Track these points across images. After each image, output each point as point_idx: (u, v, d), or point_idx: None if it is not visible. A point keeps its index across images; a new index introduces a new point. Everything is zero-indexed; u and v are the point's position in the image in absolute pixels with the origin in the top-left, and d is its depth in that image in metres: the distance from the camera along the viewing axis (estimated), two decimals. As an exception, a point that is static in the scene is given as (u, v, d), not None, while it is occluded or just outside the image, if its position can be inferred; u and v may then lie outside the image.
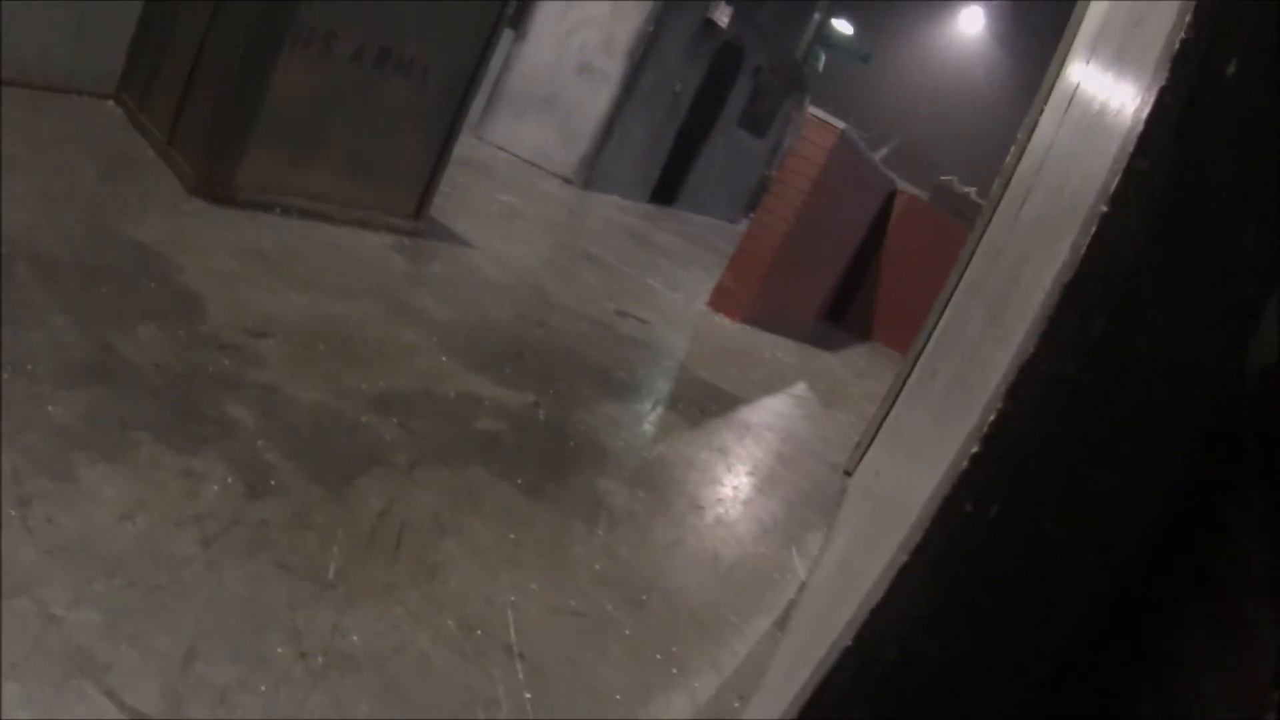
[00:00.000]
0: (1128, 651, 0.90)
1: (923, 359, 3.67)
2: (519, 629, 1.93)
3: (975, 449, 0.77)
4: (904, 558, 0.83)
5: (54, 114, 3.76)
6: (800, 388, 5.56)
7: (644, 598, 2.28)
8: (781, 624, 2.41)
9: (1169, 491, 0.87)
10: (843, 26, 20.67)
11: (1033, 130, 3.23)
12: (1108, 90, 1.60)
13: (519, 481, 2.56)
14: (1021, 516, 0.86)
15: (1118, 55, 1.65)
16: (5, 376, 1.94)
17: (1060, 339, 0.76)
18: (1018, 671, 0.90)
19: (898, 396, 3.89)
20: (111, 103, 4.20)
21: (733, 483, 3.43)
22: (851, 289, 8.90)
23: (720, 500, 3.19)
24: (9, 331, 2.10)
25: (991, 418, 0.77)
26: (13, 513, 1.61)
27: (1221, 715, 0.78)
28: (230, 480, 1.97)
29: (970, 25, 24.69)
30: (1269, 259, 0.84)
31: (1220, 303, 0.85)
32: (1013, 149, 3.46)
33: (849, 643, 0.87)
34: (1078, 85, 2.33)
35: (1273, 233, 0.83)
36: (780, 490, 3.58)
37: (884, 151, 10.43)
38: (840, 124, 5.94)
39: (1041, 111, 3.23)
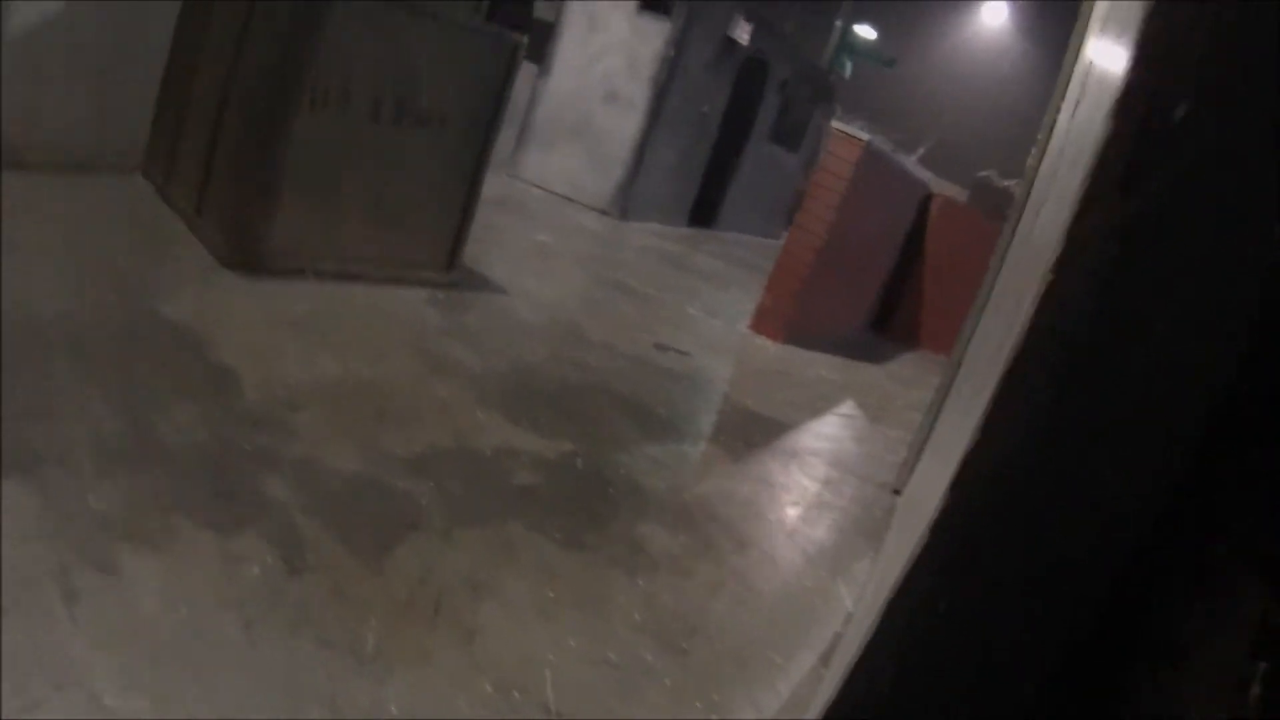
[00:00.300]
0: (1126, 651, 0.89)
1: (963, 368, 3.61)
2: (556, 686, 1.94)
3: (945, 502, 0.76)
4: (891, 597, 0.83)
5: (83, 192, 3.90)
6: (847, 405, 5.50)
7: (684, 644, 2.26)
8: (826, 659, 2.38)
9: (1169, 492, 0.86)
10: (865, 32, 20.62)
11: (1051, 129, 3.17)
12: (1110, 87, 1.57)
13: (557, 536, 2.57)
14: (1017, 523, 0.86)
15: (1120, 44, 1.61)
16: (47, 470, 2.01)
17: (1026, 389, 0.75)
18: (1015, 675, 0.90)
19: (941, 408, 3.83)
20: (140, 176, 4.34)
21: (777, 515, 3.40)
22: (894, 297, 8.78)
23: (765, 535, 3.16)
24: (48, 422, 2.18)
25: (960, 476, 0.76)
26: (62, 607, 1.67)
27: (1221, 712, 0.77)
28: (269, 560, 2.02)
29: (993, 18, 24.43)
30: (1252, 273, 0.82)
31: (1209, 321, 0.83)
32: (1033, 150, 3.40)
33: (847, 674, 0.86)
34: (1085, 82, 2.28)
35: (1253, 239, 0.81)
36: (827, 517, 3.54)
37: (921, 152, 10.32)
38: (865, 135, 5.90)
39: (1058, 109, 3.17)
